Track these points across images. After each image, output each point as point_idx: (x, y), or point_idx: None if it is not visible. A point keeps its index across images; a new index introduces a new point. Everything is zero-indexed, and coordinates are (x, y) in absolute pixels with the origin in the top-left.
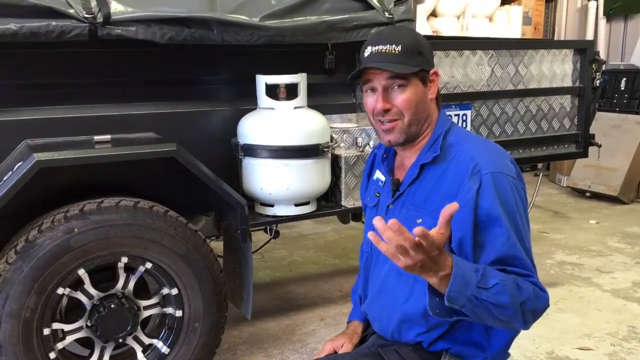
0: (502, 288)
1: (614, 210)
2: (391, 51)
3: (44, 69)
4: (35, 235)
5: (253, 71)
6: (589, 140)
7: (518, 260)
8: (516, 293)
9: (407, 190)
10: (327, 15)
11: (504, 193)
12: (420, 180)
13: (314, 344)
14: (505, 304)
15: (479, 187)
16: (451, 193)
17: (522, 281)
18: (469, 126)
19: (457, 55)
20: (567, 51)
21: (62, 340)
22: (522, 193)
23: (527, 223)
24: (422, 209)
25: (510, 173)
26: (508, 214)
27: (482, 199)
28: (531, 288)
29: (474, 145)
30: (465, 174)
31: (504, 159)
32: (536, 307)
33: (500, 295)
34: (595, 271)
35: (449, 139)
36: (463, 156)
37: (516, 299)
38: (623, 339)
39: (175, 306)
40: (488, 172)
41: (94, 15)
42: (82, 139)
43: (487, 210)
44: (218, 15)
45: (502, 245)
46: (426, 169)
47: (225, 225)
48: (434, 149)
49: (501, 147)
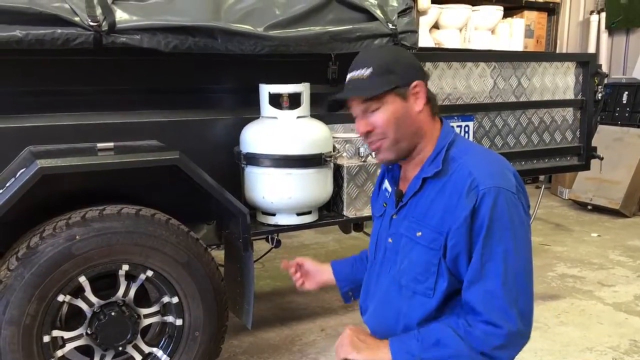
0: (444, 340)
1: (616, 223)
2: (360, 76)
3: (49, 76)
4: (37, 242)
5: (256, 80)
6: (591, 153)
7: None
8: (458, 342)
9: (409, 203)
10: (331, 26)
11: (500, 210)
12: (422, 193)
13: (314, 354)
14: (455, 355)
15: (475, 203)
16: (450, 208)
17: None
18: (471, 137)
19: (459, 67)
20: (569, 64)
21: (61, 348)
22: (519, 208)
23: (521, 238)
24: (422, 222)
25: (509, 187)
26: (500, 232)
27: (477, 216)
28: (479, 331)
29: (475, 159)
30: (463, 190)
31: (504, 173)
32: (491, 345)
33: (445, 348)
34: (597, 284)
35: (452, 152)
36: (462, 171)
37: (461, 346)
38: (625, 352)
39: (175, 315)
40: (485, 188)
41: (99, 23)
42: (85, 146)
43: (479, 229)
44: (222, 24)
45: (474, 272)
46: (428, 182)
47: (226, 234)
48: (435, 163)
49: (503, 158)
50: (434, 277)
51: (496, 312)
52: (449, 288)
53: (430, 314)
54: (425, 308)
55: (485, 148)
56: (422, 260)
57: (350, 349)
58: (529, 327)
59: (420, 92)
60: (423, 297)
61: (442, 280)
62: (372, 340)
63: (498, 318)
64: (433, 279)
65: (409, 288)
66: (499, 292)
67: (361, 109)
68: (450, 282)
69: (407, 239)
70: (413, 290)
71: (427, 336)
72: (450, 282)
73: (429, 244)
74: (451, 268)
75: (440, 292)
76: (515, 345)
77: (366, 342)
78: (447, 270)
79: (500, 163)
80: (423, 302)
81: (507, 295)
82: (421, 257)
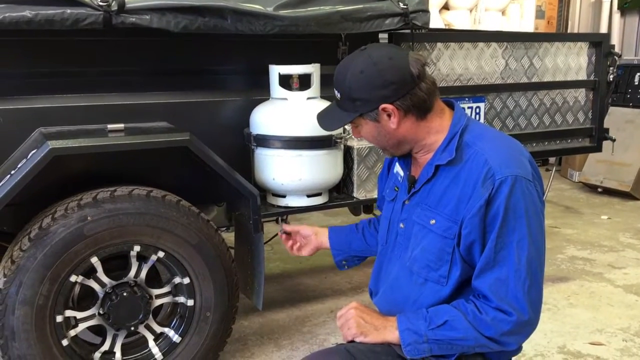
0: (453, 323)
1: (626, 206)
2: (336, 98)
3: (59, 57)
4: (49, 223)
5: (266, 61)
6: (603, 135)
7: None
8: (466, 325)
9: (422, 189)
10: (341, 6)
11: (515, 199)
12: (435, 180)
13: (323, 335)
14: (462, 337)
15: (491, 192)
16: (465, 197)
17: (470, 311)
18: (482, 119)
19: (471, 47)
20: (582, 44)
21: (74, 328)
22: (534, 196)
23: (535, 227)
24: (436, 209)
25: (525, 175)
26: (514, 221)
27: (492, 205)
28: (488, 317)
29: (490, 145)
30: (479, 179)
31: (520, 159)
32: (500, 331)
33: (453, 331)
34: (607, 267)
35: (465, 137)
36: (478, 159)
37: (469, 330)
38: (635, 334)
39: (186, 295)
40: (502, 176)
41: (108, 3)
42: (95, 127)
43: (493, 217)
44: (232, 4)
45: (487, 260)
46: (441, 169)
47: (237, 216)
48: (449, 150)
49: (519, 143)
50: (448, 265)
51: (507, 299)
52: (462, 276)
53: (443, 302)
54: (438, 296)
55: (499, 132)
56: (435, 248)
57: (357, 332)
58: (538, 315)
59: (391, 113)
60: (436, 285)
61: (456, 269)
62: (379, 319)
63: (509, 305)
64: (447, 267)
65: (421, 275)
66: (511, 280)
67: None
68: (463, 270)
69: (420, 227)
70: (425, 277)
71: (435, 317)
72: (463, 270)
73: (443, 232)
74: (465, 256)
75: (453, 280)
76: (523, 332)
77: (373, 324)
78: (460, 258)
79: (515, 149)
80: (436, 289)
81: (519, 283)
82: (435, 245)
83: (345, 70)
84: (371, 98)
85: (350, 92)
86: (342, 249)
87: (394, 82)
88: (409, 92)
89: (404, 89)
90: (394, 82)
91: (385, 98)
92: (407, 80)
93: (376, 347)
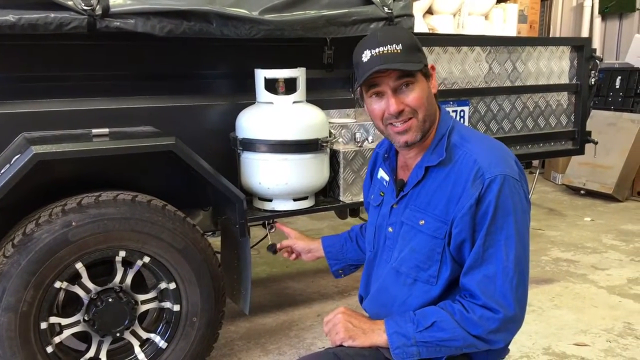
0: (440, 324)
1: (609, 207)
2: (394, 51)
3: (43, 62)
4: (33, 229)
5: (252, 65)
6: (585, 138)
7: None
8: (454, 326)
9: (412, 192)
10: (326, 10)
11: (504, 198)
12: (425, 182)
13: (310, 339)
14: (450, 338)
15: (481, 191)
16: (455, 197)
17: (457, 311)
18: (467, 122)
19: (455, 52)
20: (564, 48)
21: (59, 334)
22: (522, 195)
23: (522, 225)
24: (425, 211)
25: (513, 175)
26: (503, 220)
27: (482, 204)
28: (475, 316)
29: (478, 146)
30: (469, 178)
31: (507, 160)
32: (487, 329)
33: (441, 332)
34: (591, 268)
35: (453, 138)
36: (467, 159)
37: (457, 330)
38: (619, 335)
39: (173, 300)
40: (491, 176)
41: (92, 8)
42: (80, 132)
43: (483, 216)
44: (217, 8)
45: (476, 257)
46: (431, 171)
47: (223, 220)
48: (438, 151)
49: (504, 145)
50: (437, 265)
51: (495, 296)
52: (452, 275)
53: (432, 302)
54: (428, 296)
55: (483, 134)
56: (425, 248)
57: (345, 336)
58: (524, 312)
59: (434, 73)
60: (425, 285)
61: (446, 268)
62: (366, 323)
63: (495, 302)
64: (436, 266)
65: (410, 276)
66: (498, 277)
67: (393, 86)
68: (452, 270)
69: (409, 227)
70: (414, 277)
71: (423, 319)
72: (453, 269)
73: (433, 232)
74: (455, 255)
75: (443, 280)
76: (510, 329)
77: (361, 327)
78: (450, 257)
79: (502, 150)
80: (426, 289)
81: (507, 280)
82: (425, 245)
83: (391, 29)
84: (423, 55)
85: (414, 43)
86: (336, 259)
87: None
88: None
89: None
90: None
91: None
92: None
93: (364, 350)
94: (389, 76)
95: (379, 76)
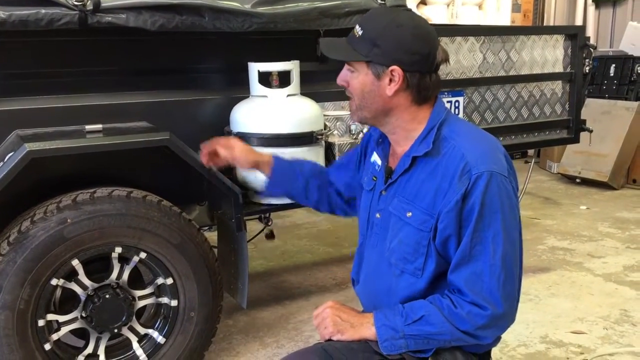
0: (429, 318)
1: (604, 195)
2: (354, 34)
3: (34, 58)
4: (28, 226)
5: (245, 59)
6: (580, 126)
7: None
8: (442, 320)
9: (399, 180)
10: (319, 2)
11: (491, 194)
12: (412, 172)
13: (309, 332)
14: (438, 332)
15: (467, 187)
16: (441, 191)
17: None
18: (461, 113)
19: (449, 42)
20: (558, 37)
21: (57, 332)
22: (510, 191)
23: (510, 222)
24: (412, 202)
25: (501, 171)
26: (490, 216)
27: (469, 200)
28: (464, 311)
29: (467, 140)
30: (455, 173)
31: (496, 155)
32: (475, 325)
33: (429, 325)
34: (587, 256)
35: (443, 131)
36: (454, 153)
37: (445, 325)
38: (615, 322)
39: (170, 296)
40: (478, 172)
41: (83, 3)
42: (73, 128)
43: (469, 212)
44: (209, 1)
45: (463, 254)
46: (418, 161)
47: (219, 215)
48: (426, 142)
49: (495, 139)
50: (423, 258)
51: (482, 293)
52: (437, 269)
53: (418, 294)
54: (413, 288)
55: (476, 127)
56: (412, 240)
57: (334, 330)
58: (514, 309)
59: (397, 78)
60: (411, 277)
61: (431, 261)
62: (355, 317)
63: (483, 300)
64: (422, 259)
65: (398, 267)
66: (486, 274)
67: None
68: (438, 264)
69: (397, 218)
70: (402, 269)
71: (411, 313)
72: (438, 263)
73: (419, 225)
74: (440, 250)
75: (428, 273)
76: (498, 326)
77: (349, 321)
78: (435, 251)
79: (492, 144)
80: (411, 281)
81: (494, 277)
82: (411, 237)
83: (384, 16)
84: (390, 54)
85: (376, 36)
86: (278, 183)
87: (418, 54)
88: (421, 72)
89: (420, 66)
90: (419, 54)
91: (401, 62)
92: (428, 61)
93: (353, 344)
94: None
95: None
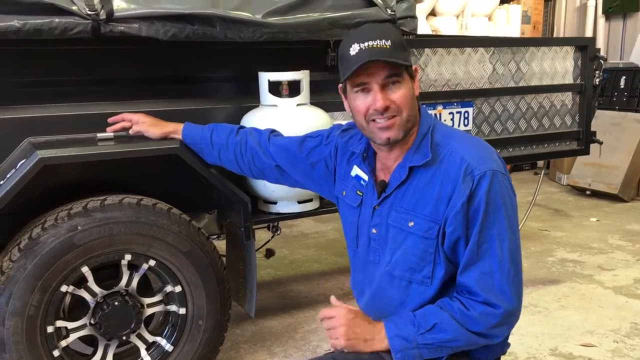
0: (441, 325)
1: (615, 208)
2: (383, 46)
3: (47, 66)
4: (39, 233)
5: (256, 68)
6: (590, 138)
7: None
8: (455, 325)
9: (395, 193)
10: (330, 12)
11: (494, 192)
12: (410, 183)
13: (316, 341)
14: (452, 338)
15: (472, 188)
16: (444, 196)
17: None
18: (471, 124)
19: (458, 53)
20: (568, 48)
21: (65, 338)
22: (509, 188)
23: (512, 218)
24: (414, 212)
25: (500, 169)
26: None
27: (474, 200)
28: (476, 313)
29: (462, 144)
30: (458, 176)
31: (492, 155)
32: (488, 324)
33: (442, 333)
34: (597, 268)
35: (436, 137)
36: (453, 157)
37: (458, 330)
38: (626, 335)
39: (178, 304)
40: (480, 172)
41: (96, 12)
42: (85, 136)
43: (475, 212)
44: (221, 12)
45: (471, 255)
46: (415, 171)
47: (228, 223)
48: (423, 151)
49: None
50: (431, 266)
51: (494, 291)
52: (447, 275)
53: (429, 302)
54: (424, 296)
55: (462, 131)
56: (418, 249)
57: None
58: (522, 303)
59: (417, 75)
60: (420, 286)
61: (440, 268)
62: (368, 331)
63: (495, 297)
64: (430, 267)
65: (404, 278)
66: (496, 272)
67: (381, 82)
68: (447, 269)
69: (398, 230)
70: (408, 279)
71: (423, 321)
72: (447, 269)
73: (424, 233)
74: (449, 254)
75: (438, 280)
76: (510, 322)
77: (363, 337)
78: (444, 257)
79: (485, 145)
80: (421, 290)
81: (504, 274)
82: (417, 246)
83: (379, 26)
84: (410, 54)
85: (402, 41)
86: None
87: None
88: None
89: None
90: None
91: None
92: None
93: (364, 355)
94: (377, 72)
95: (367, 72)
